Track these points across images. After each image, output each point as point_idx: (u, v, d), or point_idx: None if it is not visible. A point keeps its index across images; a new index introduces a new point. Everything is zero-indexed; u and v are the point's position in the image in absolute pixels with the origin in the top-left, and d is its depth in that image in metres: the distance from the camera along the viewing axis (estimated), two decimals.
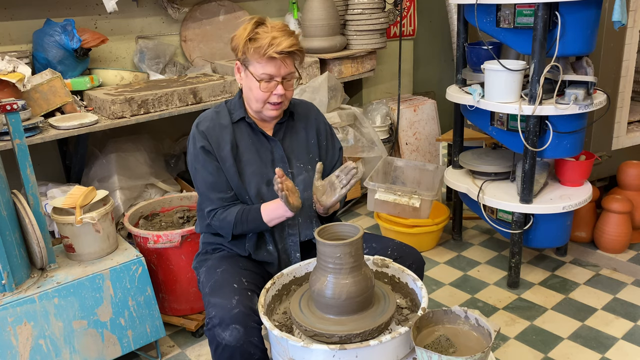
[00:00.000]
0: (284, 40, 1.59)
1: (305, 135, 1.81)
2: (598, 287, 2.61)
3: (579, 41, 2.23)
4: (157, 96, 2.61)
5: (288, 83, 1.67)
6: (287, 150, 1.78)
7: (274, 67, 1.61)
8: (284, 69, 1.63)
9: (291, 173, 1.76)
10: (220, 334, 1.48)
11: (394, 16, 3.68)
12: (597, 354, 2.16)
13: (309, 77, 3.24)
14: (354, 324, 1.40)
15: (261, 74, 1.62)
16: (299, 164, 1.78)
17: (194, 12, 3.32)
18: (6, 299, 1.85)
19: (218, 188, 1.69)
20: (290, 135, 1.80)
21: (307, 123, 1.83)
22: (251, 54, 1.62)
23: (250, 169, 1.72)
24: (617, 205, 2.72)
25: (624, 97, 2.82)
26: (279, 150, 1.76)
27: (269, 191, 1.72)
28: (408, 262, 1.70)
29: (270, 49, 1.58)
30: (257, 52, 1.60)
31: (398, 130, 3.73)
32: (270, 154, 1.75)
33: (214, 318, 1.50)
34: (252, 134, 1.75)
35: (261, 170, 1.73)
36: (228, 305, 1.50)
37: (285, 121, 1.78)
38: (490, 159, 2.74)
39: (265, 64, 1.61)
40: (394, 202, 2.72)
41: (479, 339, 1.37)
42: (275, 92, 1.65)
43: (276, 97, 1.66)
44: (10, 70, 2.47)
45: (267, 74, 1.62)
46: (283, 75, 1.64)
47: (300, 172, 1.77)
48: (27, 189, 1.95)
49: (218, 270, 1.69)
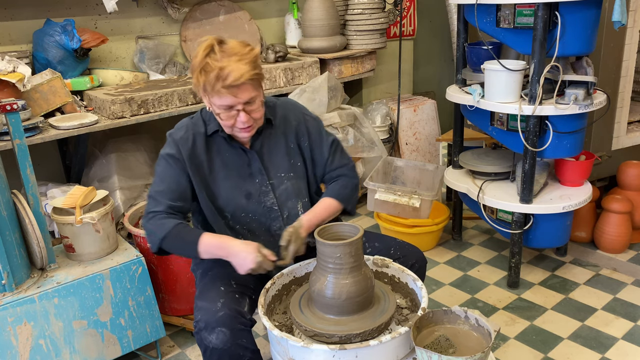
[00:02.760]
0: (232, 71, 1.45)
1: (284, 141, 1.72)
2: (598, 287, 2.61)
3: (579, 41, 2.23)
4: (157, 96, 2.61)
5: (251, 108, 1.55)
6: (265, 161, 1.69)
7: (229, 98, 1.50)
8: (242, 97, 1.50)
9: (271, 184, 1.69)
10: (207, 337, 1.48)
11: (394, 16, 3.68)
12: (597, 354, 2.16)
13: (309, 77, 3.24)
14: (354, 324, 1.40)
15: (219, 106, 1.52)
16: (279, 174, 1.70)
17: (194, 12, 3.32)
18: (6, 299, 1.85)
19: (170, 195, 1.60)
20: (268, 144, 1.70)
21: (286, 126, 1.72)
22: (204, 88, 1.51)
23: (227, 184, 1.66)
24: (617, 205, 2.72)
25: (624, 97, 2.82)
26: (256, 162, 1.68)
27: (249, 204, 1.68)
28: (411, 262, 1.70)
29: (218, 84, 1.46)
30: (207, 88, 1.49)
31: (398, 130, 3.73)
32: (248, 167, 1.68)
33: (200, 322, 1.50)
34: (228, 147, 1.67)
35: (239, 184, 1.67)
36: (213, 308, 1.50)
37: (262, 130, 1.68)
38: (490, 159, 2.74)
39: (220, 97, 1.50)
40: (394, 202, 2.73)
41: (479, 339, 1.37)
42: (239, 120, 1.54)
43: (241, 124, 1.55)
44: (10, 70, 2.47)
45: (224, 105, 1.52)
46: (243, 103, 1.52)
47: (281, 183, 1.70)
48: (27, 189, 1.95)
49: (209, 272, 1.69)
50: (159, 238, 1.56)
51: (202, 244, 1.54)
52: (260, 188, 1.68)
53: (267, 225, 1.72)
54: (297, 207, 1.72)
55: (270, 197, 1.69)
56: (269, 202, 1.70)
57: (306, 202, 1.74)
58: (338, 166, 1.77)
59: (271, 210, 1.70)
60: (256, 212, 1.69)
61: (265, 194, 1.69)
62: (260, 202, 1.69)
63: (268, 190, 1.69)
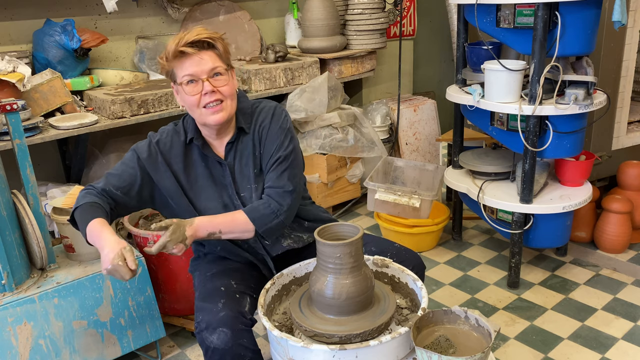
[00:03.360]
0: (189, 34, 1.50)
1: (252, 148, 1.65)
2: (598, 287, 2.61)
3: (579, 41, 2.23)
4: (157, 96, 2.61)
5: (217, 80, 1.53)
6: (236, 173, 1.65)
7: (192, 64, 1.50)
8: (204, 65, 1.51)
9: (242, 197, 1.65)
10: (208, 338, 1.48)
11: (394, 16, 3.68)
12: (597, 354, 2.16)
13: (309, 77, 3.24)
14: (354, 324, 1.40)
15: (182, 77, 1.52)
16: (248, 185, 1.65)
17: (194, 12, 3.32)
18: (6, 299, 1.85)
19: (113, 182, 1.58)
20: (240, 154, 1.65)
21: (254, 132, 1.66)
22: (167, 63, 1.53)
23: (204, 195, 1.65)
24: (617, 205, 2.72)
25: (624, 97, 2.82)
26: (228, 175, 1.65)
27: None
28: (409, 267, 1.69)
29: (175, 45, 1.49)
30: (169, 57, 1.51)
31: (398, 130, 3.73)
32: (223, 177, 1.66)
33: (201, 322, 1.50)
34: (203, 157, 1.65)
35: (215, 195, 1.65)
36: (214, 309, 1.51)
37: (235, 140, 1.65)
38: (490, 159, 2.74)
39: (182, 66, 1.51)
40: (394, 202, 2.73)
41: (479, 339, 1.37)
42: (204, 92, 1.52)
43: (207, 97, 1.53)
44: (10, 70, 2.47)
45: (187, 74, 1.51)
46: (207, 72, 1.52)
47: (251, 195, 1.65)
48: (27, 189, 1.95)
49: (208, 273, 1.69)
50: (75, 207, 1.55)
51: (89, 227, 1.48)
52: (233, 201, 1.66)
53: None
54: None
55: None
56: None
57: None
58: (272, 185, 1.61)
59: None
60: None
61: (238, 207, 1.65)
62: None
63: (238, 203, 1.65)
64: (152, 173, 1.62)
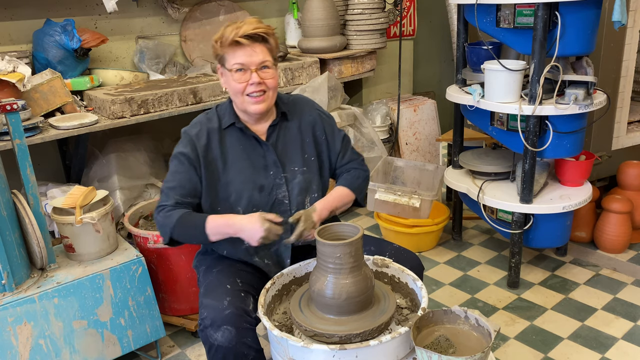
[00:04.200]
0: (247, 25, 1.58)
1: (299, 135, 1.76)
2: (598, 287, 2.61)
3: (579, 41, 2.23)
4: (157, 96, 2.61)
5: (265, 72, 1.62)
6: (280, 154, 1.72)
7: (244, 54, 1.59)
8: (256, 57, 1.60)
9: (285, 177, 1.72)
10: (212, 335, 1.48)
11: (394, 16, 3.68)
12: (597, 354, 2.16)
13: (309, 77, 3.24)
14: (354, 324, 1.40)
15: (233, 64, 1.60)
16: (293, 167, 1.73)
17: (194, 12, 3.32)
18: (6, 299, 1.85)
19: (179, 191, 1.65)
20: (283, 137, 1.74)
21: (302, 121, 1.77)
22: (220, 48, 1.61)
23: (241, 177, 1.68)
24: (617, 205, 2.72)
25: (624, 97, 2.82)
26: (271, 155, 1.71)
27: (261, 197, 1.69)
28: (407, 267, 1.69)
29: (232, 35, 1.57)
30: (224, 43, 1.59)
31: (398, 130, 3.73)
32: (263, 159, 1.71)
33: (205, 319, 1.50)
34: (243, 139, 1.70)
35: (253, 178, 1.69)
36: (220, 306, 1.51)
37: (277, 123, 1.74)
38: (490, 159, 2.74)
39: (234, 53, 1.60)
40: (394, 202, 2.73)
41: (479, 339, 1.37)
42: (251, 82, 1.60)
43: (253, 87, 1.61)
44: (10, 70, 2.47)
45: (238, 63, 1.59)
46: (256, 64, 1.60)
47: (295, 176, 1.72)
48: (27, 189, 1.95)
49: (214, 270, 1.70)
50: (169, 227, 1.60)
51: (209, 226, 1.57)
52: (274, 180, 1.70)
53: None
54: (305, 202, 1.73)
55: (283, 190, 1.71)
56: (280, 195, 1.71)
57: (315, 197, 1.75)
58: (349, 160, 1.83)
59: (282, 203, 1.71)
60: (267, 205, 1.70)
61: (279, 187, 1.70)
62: (271, 195, 1.70)
63: (282, 182, 1.70)
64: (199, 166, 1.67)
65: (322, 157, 1.80)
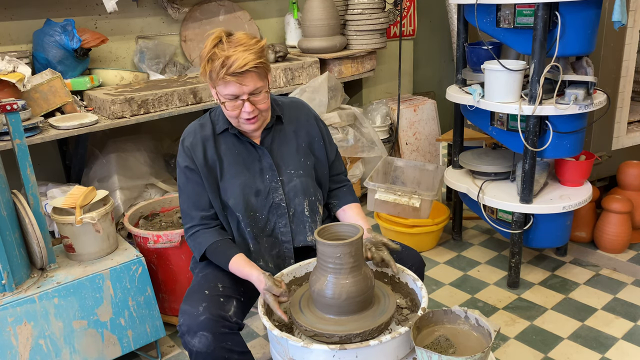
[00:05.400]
0: (237, 59, 1.49)
1: (295, 139, 1.75)
2: (598, 287, 2.61)
3: (579, 41, 2.23)
4: (157, 96, 2.61)
5: (257, 98, 1.58)
6: (276, 157, 1.72)
7: (235, 87, 1.54)
8: (247, 87, 1.54)
9: (281, 181, 1.71)
10: (190, 342, 1.49)
11: (394, 16, 3.68)
12: (597, 354, 2.16)
13: (309, 77, 3.24)
14: (354, 324, 1.40)
15: (224, 95, 1.56)
16: (289, 170, 1.73)
17: (194, 12, 3.32)
18: (6, 299, 1.85)
19: (199, 207, 1.68)
20: (279, 140, 1.73)
21: (298, 125, 1.76)
22: (209, 80, 1.57)
23: (237, 182, 1.68)
24: (617, 205, 2.72)
25: (624, 97, 2.82)
26: (267, 158, 1.70)
27: (258, 201, 1.69)
28: (408, 265, 1.69)
29: (222, 72, 1.50)
30: (213, 77, 1.54)
31: (398, 130, 3.73)
32: (259, 162, 1.70)
33: (182, 326, 1.52)
34: (238, 143, 1.70)
35: (249, 182, 1.69)
36: (195, 312, 1.52)
37: (272, 126, 1.72)
38: (490, 159, 2.74)
39: (225, 85, 1.54)
40: (394, 202, 2.73)
41: (479, 339, 1.37)
42: (244, 110, 1.58)
43: (246, 114, 1.59)
44: (10, 70, 2.47)
45: (230, 94, 1.55)
46: (248, 93, 1.56)
47: (291, 179, 1.72)
48: (27, 189, 1.95)
49: (200, 274, 1.71)
50: (198, 256, 1.68)
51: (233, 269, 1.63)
52: (270, 184, 1.70)
53: (273, 224, 1.72)
54: (304, 205, 1.73)
55: (279, 193, 1.71)
56: (277, 199, 1.71)
57: (312, 200, 1.75)
58: (339, 172, 1.88)
59: (279, 207, 1.71)
60: (264, 209, 1.70)
61: (275, 190, 1.70)
62: (268, 198, 1.70)
63: (278, 186, 1.70)
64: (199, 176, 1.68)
65: (319, 163, 1.79)
